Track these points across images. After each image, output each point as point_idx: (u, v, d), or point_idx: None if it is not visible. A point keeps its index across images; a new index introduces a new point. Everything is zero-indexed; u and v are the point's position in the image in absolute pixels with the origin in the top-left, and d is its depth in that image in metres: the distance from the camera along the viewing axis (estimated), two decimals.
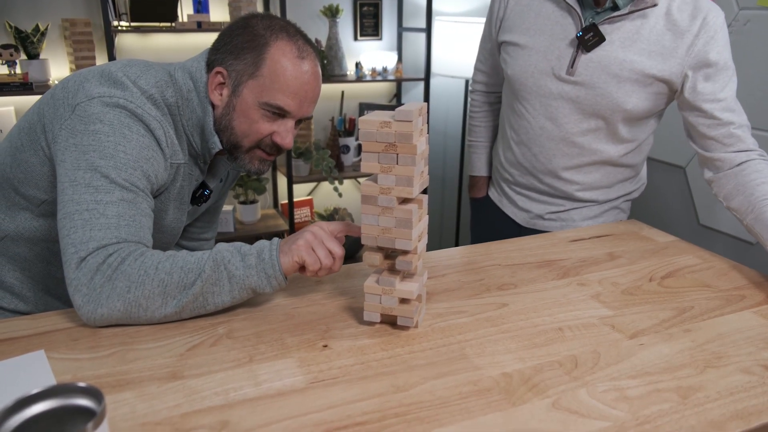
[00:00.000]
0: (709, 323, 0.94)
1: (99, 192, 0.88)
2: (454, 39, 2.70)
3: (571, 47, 1.26)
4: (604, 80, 1.24)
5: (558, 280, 1.08)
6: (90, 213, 0.87)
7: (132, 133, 0.92)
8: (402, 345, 0.86)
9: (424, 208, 0.88)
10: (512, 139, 1.43)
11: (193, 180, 1.09)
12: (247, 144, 1.02)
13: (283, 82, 0.97)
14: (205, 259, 0.87)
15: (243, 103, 0.98)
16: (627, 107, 1.25)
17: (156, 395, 0.74)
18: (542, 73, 1.30)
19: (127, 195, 0.90)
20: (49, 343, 0.84)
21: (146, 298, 0.85)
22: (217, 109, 1.01)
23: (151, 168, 0.94)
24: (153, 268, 0.85)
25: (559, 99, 1.30)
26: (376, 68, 2.79)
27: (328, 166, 2.66)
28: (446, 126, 3.20)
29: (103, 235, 0.86)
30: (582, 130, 1.31)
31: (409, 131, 0.78)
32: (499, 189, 1.54)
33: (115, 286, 0.84)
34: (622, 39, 1.23)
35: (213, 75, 0.99)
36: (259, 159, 1.04)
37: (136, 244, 0.88)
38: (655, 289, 1.06)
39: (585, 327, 0.92)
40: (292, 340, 0.87)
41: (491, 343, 0.87)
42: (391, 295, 0.87)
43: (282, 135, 1.01)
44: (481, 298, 1.01)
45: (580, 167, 1.36)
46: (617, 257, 1.19)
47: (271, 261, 0.88)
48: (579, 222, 1.44)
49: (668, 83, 1.24)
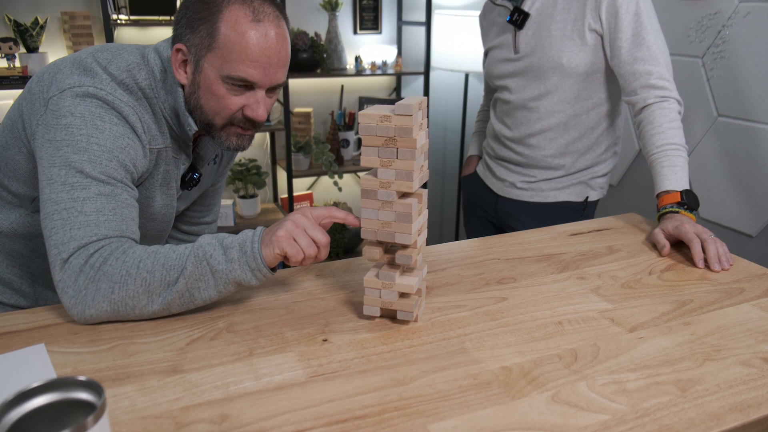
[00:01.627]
0: (709, 316, 0.94)
1: (75, 189, 0.86)
2: (454, 33, 2.69)
3: (510, 32, 1.52)
4: (539, 45, 1.45)
5: (557, 274, 1.08)
6: (68, 212, 0.85)
7: (104, 123, 0.90)
8: (402, 339, 0.86)
9: (423, 203, 0.88)
10: (494, 119, 1.66)
11: (180, 164, 1.06)
12: (220, 122, 0.97)
13: (240, 51, 0.90)
14: (187, 255, 0.85)
15: (206, 80, 0.93)
16: (563, 61, 1.43)
17: (156, 389, 0.74)
18: (500, 60, 1.57)
19: (104, 188, 0.88)
20: (49, 337, 0.84)
21: (131, 297, 0.84)
22: (185, 87, 0.96)
23: (128, 156, 0.92)
24: (135, 267, 0.84)
25: (515, 75, 1.53)
26: (376, 62, 2.78)
27: (328, 160, 2.66)
28: (446, 120, 3.20)
29: (83, 233, 0.85)
30: (536, 94, 1.49)
31: (408, 125, 0.78)
32: (484, 164, 1.74)
33: (99, 288, 0.83)
34: (543, 8, 1.45)
35: (174, 53, 0.95)
36: (236, 135, 1.00)
37: (119, 239, 0.87)
38: (655, 282, 1.06)
39: (584, 320, 0.92)
40: (292, 334, 0.87)
41: (491, 337, 0.87)
42: (390, 289, 0.87)
43: (253, 108, 0.95)
44: (480, 292, 1.01)
45: (543, 132, 1.52)
46: (617, 251, 1.19)
47: (253, 254, 0.86)
48: (547, 192, 1.58)
49: (593, 30, 1.39)
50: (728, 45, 1.87)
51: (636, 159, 2.24)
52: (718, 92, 1.92)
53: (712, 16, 1.90)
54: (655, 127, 1.31)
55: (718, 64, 1.91)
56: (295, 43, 2.58)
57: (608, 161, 1.58)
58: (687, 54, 1.98)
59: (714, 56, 1.91)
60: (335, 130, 2.81)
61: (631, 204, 2.29)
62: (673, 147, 1.28)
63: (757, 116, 1.80)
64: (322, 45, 2.65)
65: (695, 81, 1.97)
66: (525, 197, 1.60)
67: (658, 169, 1.28)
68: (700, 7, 1.93)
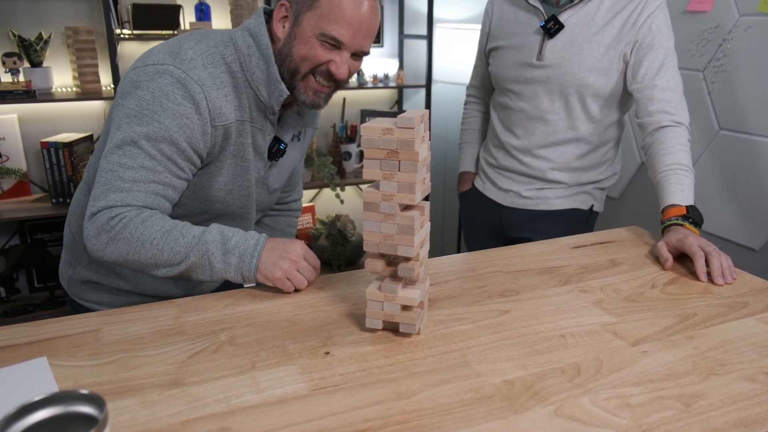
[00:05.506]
0: (712, 330, 0.94)
1: (125, 156, 0.99)
2: (455, 46, 2.71)
3: (538, 38, 1.48)
4: (567, 60, 1.44)
5: (560, 287, 1.08)
6: (111, 173, 0.99)
7: (169, 102, 1.00)
8: (404, 352, 0.86)
9: (426, 215, 0.88)
10: (499, 127, 1.62)
11: (266, 135, 1.15)
12: (304, 69, 1.06)
13: (338, 13, 1.02)
14: (194, 246, 0.98)
15: (303, 33, 1.04)
16: (589, 81, 1.43)
17: (157, 402, 0.74)
18: (518, 64, 1.51)
19: (149, 163, 0.99)
20: (51, 350, 0.84)
21: (141, 263, 0.99)
22: (279, 42, 1.07)
23: (184, 135, 1.01)
24: (149, 241, 0.97)
25: (533, 83, 1.49)
26: (378, 75, 2.80)
27: (330, 172, 2.67)
28: (447, 132, 3.21)
29: (114, 197, 0.98)
30: (554, 108, 1.49)
31: (411, 138, 0.78)
32: (484, 176, 1.71)
33: (117, 247, 0.98)
34: (579, 24, 1.44)
35: (278, 8, 1.06)
36: (313, 90, 1.08)
37: (141, 209, 0.99)
38: (658, 296, 1.05)
39: (587, 334, 0.92)
40: (294, 347, 0.87)
41: (493, 350, 0.87)
42: (393, 301, 0.86)
43: (337, 64, 1.05)
44: (482, 304, 1.01)
45: (555, 145, 1.52)
46: (619, 264, 1.19)
47: (249, 267, 0.99)
48: (552, 200, 1.58)
49: (622, 57, 1.42)
50: (729, 58, 1.87)
51: (637, 172, 2.25)
52: (719, 105, 1.93)
53: (713, 29, 1.91)
54: (666, 147, 1.34)
55: (719, 78, 1.91)
56: None
57: (610, 177, 1.61)
58: (688, 67, 1.99)
59: (715, 70, 1.92)
60: (337, 143, 2.82)
61: (633, 217, 2.29)
62: (682, 167, 1.30)
63: (758, 130, 1.81)
64: None
65: (696, 94, 1.97)
66: (531, 206, 1.59)
67: (665, 185, 1.29)
68: (701, 21, 1.95)
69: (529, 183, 1.59)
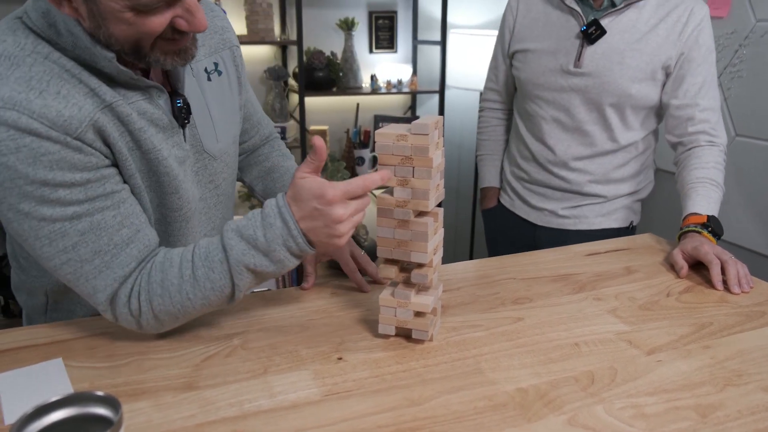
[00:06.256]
0: (729, 340, 0.93)
1: (54, 239, 0.77)
2: (469, 51, 2.71)
3: (576, 43, 1.38)
4: (608, 68, 1.36)
5: (574, 295, 1.07)
6: (69, 266, 0.78)
7: (11, 154, 0.72)
8: (417, 358, 0.86)
9: (439, 221, 0.88)
10: (528, 137, 1.51)
11: (155, 99, 0.85)
12: (147, 44, 0.77)
13: None
14: (228, 271, 0.79)
15: (108, 10, 0.71)
16: (631, 92, 1.35)
17: (171, 405, 0.74)
18: (552, 70, 1.41)
19: (80, 225, 0.77)
20: (67, 351, 0.85)
21: (200, 312, 0.84)
22: (83, 22, 0.74)
23: (60, 171, 0.74)
24: (186, 297, 0.80)
25: (569, 91, 1.40)
26: (391, 80, 2.80)
27: (343, 177, 2.67)
28: (461, 138, 3.20)
29: (103, 283, 0.80)
30: (592, 118, 1.41)
31: (425, 144, 0.78)
32: (512, 192, 1.60)
33: (163, 321, 0.83)
34: (621, 30, 1.35)
35: None
36: (171, 53, 0.79)
37: (139, 269, 0.81)
38: (673, 304, 1.04)
39: (601, 342, 0.91)
40: (307, 352, 0.87)
41: (506, 358, 0.86)
42: (406, 308, 0.86)
43: (187, 19, 0.75)
44: (496, 311, 1.00)
45: (592, 157, 1.44)
46: (634, 271, 1.18)
47: (305, 249, 0.80)
48: (592, 218, 1.49)
49: (665, 68, 1.35)
50: (745, 64, 1.86)
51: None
52: (736, 112, 1.91)
53: (729, 35, 1.90)
54: (702, 162, 1.30)
55: (735, 84, 1.90)
56: (311, 61, 2.61)
57: (647, 186, 1.54)
58: None
59: (731, 75, 1.91)
60: (350, 148, 2.83)
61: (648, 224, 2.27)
62: (712, 182, 1.27)
63: None
64: (338, 64, 2.68)
65: None
66: (568, 225, 1.50)
67: (692, 195, 1.26)
68: (717, 27, 1.93)
69: (564, 199, 1.50)
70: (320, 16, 2.75)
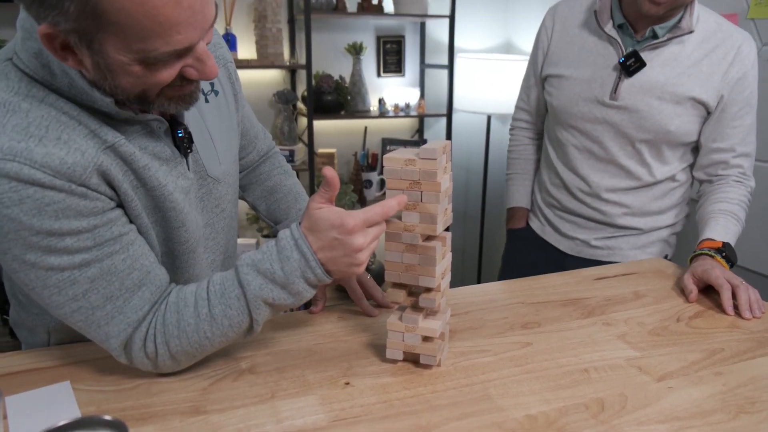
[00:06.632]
0: (741, 366, 0.91)
1: (64, 288, 0.75)
2: (476, 75, 2.73)
3: (613, 74, 1.33)
4: (646, 103, 1.30)
5: (583, 319, 1.06)
6: (81, 313, 0.77)
7: (15, 206, 0.69)
8: (425, 384, 0.85)
9: (447, 246, 0.88)
10: (559, 165, 1.47)
11: (157, 129, 0.82)
12: (153, 93, 0.75)
13: (149, 22, 0.64)
14: (246, 306, 0.79)
15: (116, 63, 0.68)
16: (671, 129, 1.31)
17: (179, 429, 0.74)
18: (586, 100, 1.36)
19: (90, 271, 0.75)
20: (75, 374, 0.85)
21: (217, 348, 0.84)
22: (86, 73, 0.71)
23: (66, 219, 0.72)
24: (204, 336, 0.80)
25: (603, 123, 1.36)
26: (399, 104, 2.82)
27: (351, 200, 2.68)
28: (468, 161, 3.21)
29: (116, 329, 0.78)
30: (627, 152, 1.36)
31: (433, 169, 0.79)
32: (543, 218, 1.56)
33: (180, 360, 0.82)
34: (661, 64, 1.30)
35: (43, 39, 0.66)
36: (175, 99, 0.77)
37: (153, 312, 0.80)
38: (683, 329, 1.03)
39: (611, 368, 0.90)
40: (315, 377, 0.86)
41: (515, 384, 0.85)
42: (414, 332, 0.86)
43: (197, 68, 0.73)
44: (504, 336, 1.00)
45: (627, 190, 1.40)
46: (643, 296, 1.17)
47: (321, 278, 0.79)
48: (627, 251, 1.44)
49: (705, 106, 1.30)
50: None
51: None
52: None
53: None
54: (726, 197, 1.29)
55: None
56: (320, 85, 2.64)
57: (685, 218, 1.50)
58: None
59: None
60: (358, 171, 2.84)
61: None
62: (734, 216, 1.27)
63: None
64: (346, 87, 2.71)
65: None
66: (601, 256, 1.45)
67: (710, 223, 1.24)
68: None
69: (598, 230, 1.44)
70: (329, 40, 2.79)
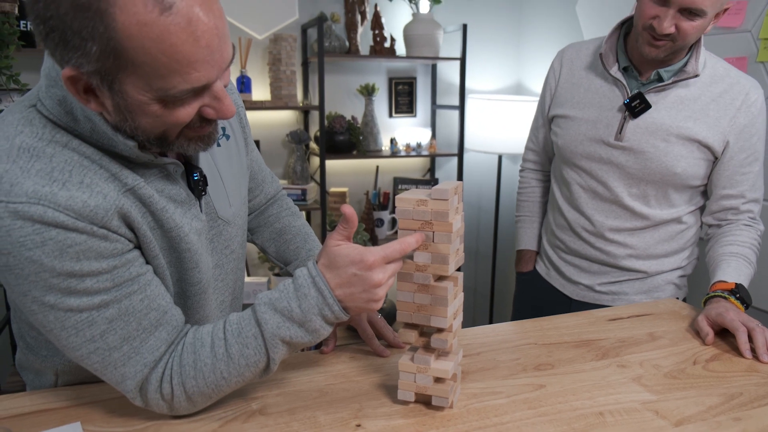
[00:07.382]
0: (761, 411, 0.89)
1: (81, 329, 0.76)
2: (487, 116, 2.77)
3: (618, 115, 1.34)
4: (652, 144, 1.31)
5: (597, 361, 1.05)
6: (97, 354, 0.77)
7: (29, 249, 0.70)
8: (437, 426, 0.84)
9: (459, 286, 0.88)
10: (564, 205, 1.48)
11: (173, 173, 0.85)
12: (173, 134, 0.77)
13: (167, 61, 0.66)
14: (264, 345, 0.80)
15: (135, 103, 0.71)
16: (677, 171, 1.31)
17: None
18: (591, 140, 1.37)
19: (108, 312, 0.76)
20: (85, 415, 0.85)
21: (234, 388, 0.84)
22: (108, 116, 0.74)
23: (86, 260, 0.73)
24: (221, 376, 0.80)
25: (608, 164, 1.36)
26: (411, 144, 2.86)
27: (363, 239, 2.69)
28: (480, 201, 3.22)
29: (132, 370, 0.79)
30: (632, 194, 1.36)
31: (445, 209, 0.80)
32: (548, 261, 1.56)
33: (196, 401, 0.82)
34: (667, 106, 1.30)
35: (67, 82, 0.69)
36: (195, 140, 0.79)
37: (170, 352, 0.81)
38: (700, 372, 1.02)
39: (627, 412, 0.88)
40: (325, 419, 0.85)
41: (528, 427, 0.84)
42: (425, 373, 0.85)
43: (215, 107, 0.74)
44: (517, 378, 0.99)
45: (631, 231, 1.40)
46: (658, 338, 1.16)
47: (339, 316, 0.80)
48: (632, 296, 1.43)
49: (711, 150, 1.30)
50: None
51: None
52: None
53: None
54: (737, 239, 1.29)
55: None
56: (332, 125, 2.68)
57: (694, 261, 1.49)
58: None
59: None
60: (370, 210, 2.86)
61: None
62: (746, 259, 1.26)
63: None
64: (358, 128, 2.75)
65: None
66: (605, 301, 1.44)
67: (722, 266, 1.24)
68: None
69: (602, 273, 1.43)
70: (342, 82, 2.85)
